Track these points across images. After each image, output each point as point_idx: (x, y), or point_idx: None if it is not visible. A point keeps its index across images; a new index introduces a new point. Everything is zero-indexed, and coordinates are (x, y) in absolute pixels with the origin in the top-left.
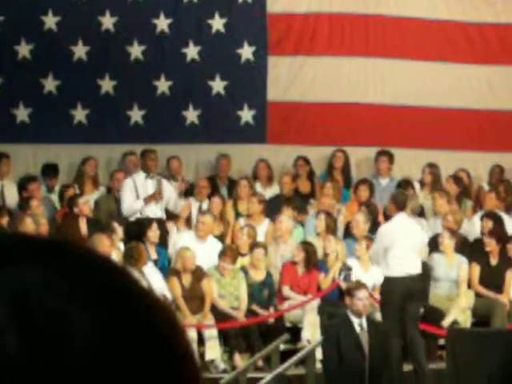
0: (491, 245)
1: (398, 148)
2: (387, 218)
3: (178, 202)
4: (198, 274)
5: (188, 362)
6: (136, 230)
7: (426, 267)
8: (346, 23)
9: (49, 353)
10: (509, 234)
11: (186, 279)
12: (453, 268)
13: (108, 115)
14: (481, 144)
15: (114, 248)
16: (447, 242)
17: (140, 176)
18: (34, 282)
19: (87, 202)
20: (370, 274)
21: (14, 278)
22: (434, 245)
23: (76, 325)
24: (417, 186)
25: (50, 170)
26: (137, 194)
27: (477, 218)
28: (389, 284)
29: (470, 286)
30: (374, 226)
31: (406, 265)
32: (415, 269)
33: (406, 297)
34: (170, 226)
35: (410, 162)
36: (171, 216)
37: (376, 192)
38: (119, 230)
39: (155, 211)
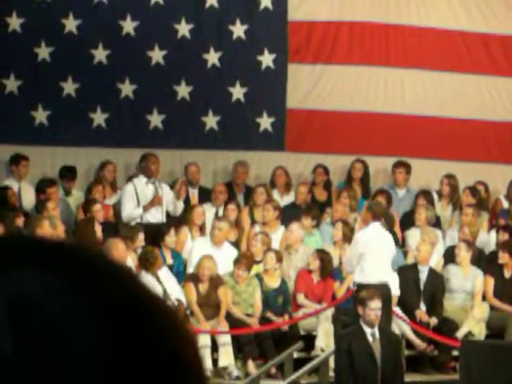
0: (505, 258)
1: (416, 158)
2: (403, 227)
3: (176, 204)
4: (216, 281)
5: (194, 371)
6: (152, 235)
7: (440, 278)
8: (367, 32)
9: (44, 360)
10: None
11: (203, 286)
12: (468, 280)
13: (127, 119)
14: (500, 156)
15: (129, 252)
16: (464, 254)
17: (141, 181)
18: (35, 288)
19: (101, 210)
20: None
21: (13, 283)
22: (449, 256)
23: (74, 332)
24: (435, 196)
25: (68, 173)
26: (137, 199)
27: (494, 230)
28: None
29: (484, 298)
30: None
31: (380, 272)
32: (388, 277)
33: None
34: (185, 231)
35: (427, 173)
36: (186, 222)
37: (393, 202)
38: (140, 237)
39: (156, 215)
